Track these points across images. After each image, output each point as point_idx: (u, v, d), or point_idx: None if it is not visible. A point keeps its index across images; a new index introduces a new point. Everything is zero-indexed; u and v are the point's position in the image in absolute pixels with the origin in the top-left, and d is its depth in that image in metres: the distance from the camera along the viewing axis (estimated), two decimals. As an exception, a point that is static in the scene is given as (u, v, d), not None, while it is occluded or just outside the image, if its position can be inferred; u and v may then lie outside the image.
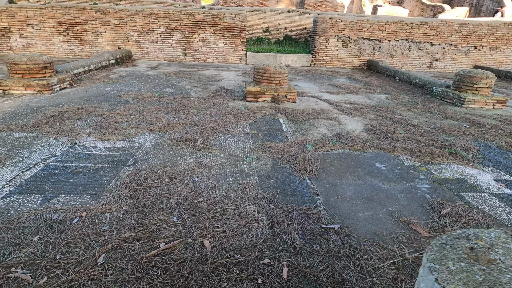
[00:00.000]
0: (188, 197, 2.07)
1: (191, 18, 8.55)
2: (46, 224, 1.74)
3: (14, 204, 1.91)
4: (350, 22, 8.95)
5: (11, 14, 8.12)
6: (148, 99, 4.53)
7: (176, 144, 2.96)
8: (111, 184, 2.20)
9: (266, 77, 4.77)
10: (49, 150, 2.69)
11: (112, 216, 1.84)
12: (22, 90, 4.42)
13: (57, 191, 2.08)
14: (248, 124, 3.67)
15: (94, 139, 2.97)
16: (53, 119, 3.41)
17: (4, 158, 2.47)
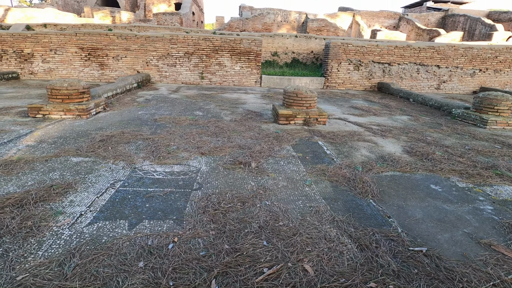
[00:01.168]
0: (268, 221, 2.11)
1: (209, 43, 8.88)
2: (144, 250, 1.76)
3: (104, 230, 1.93)
4: (361, 47, 9.34)
5: (36, 40, 8.38)
6: (184, 123, 4.63)
7: (232, 168, 3.02)
8: (187, 208, 2.24)
9: (298, 100, 4.93)
10: (113, 175, 2.73)
11: (204, 241, 1.87)
12: (62, 114, 4.51)
13: (138, 216, 2.11)
14: (291, 147, 3.76)
15: (151, 163, 3.03)
16: (104, 144, 3.48)
17: (74, 183, 2.51)
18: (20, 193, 2.30)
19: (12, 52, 8.44)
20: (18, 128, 3.95)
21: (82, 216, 2.06)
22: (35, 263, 1.61)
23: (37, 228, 1.89)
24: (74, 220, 2.02)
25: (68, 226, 1.95)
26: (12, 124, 4.12)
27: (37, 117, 4.47)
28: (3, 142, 3.40)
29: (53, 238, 1.82)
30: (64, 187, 2.43)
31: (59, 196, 2.29)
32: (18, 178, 2.57)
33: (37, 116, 4.47)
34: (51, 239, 1.82)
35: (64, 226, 1.95)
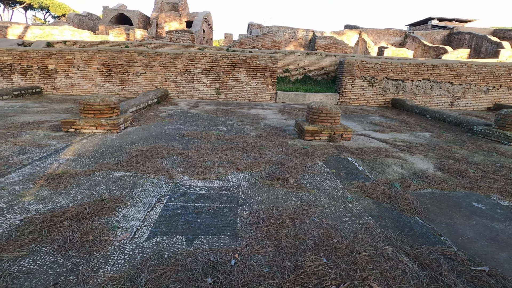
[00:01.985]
0: (322, 238, 2.12)
1: (226, 60, 9.11)
2: (208, 265, 1.77)
3: (163, 245, 1.95)
4: (375, 64, 9.49)
5: (60, 56, 8.68)
6: (212, 138, 4.70)
7: (271, 184, 3.04)
8: (238, 224, 2.26)
9: (322, 116, 4.99)
10: (158, 189, 2.77)
11: (264, 257, 1.88)
12: (93, 129, 4.61)
13: (193, 231, 2.13)
14: (322, 163, 3.78)
15: (191, 178, 3.07)
16: (140, 158, 3.54)
17: (122, 197, 2.55)
18: (74, 207, 2.34)
19: (37, 68, 8.72)
20: (54, 142, 4.04)
21: (138, 231, 2.09)
22: (106, 278, 1.63)
23: (99, 243, 1.92)
24: (132, 235, 2.04)
25: (128, 240, 1.98)
26: (47, 138, 4.22)
27: (69, 131, 4.58)
28: (43, 156, 3.48)
29: (117, 252, 1.85)
30: (114, 201, 2.47)
31: (111, 211, 2.33)
32: (67, 192, 2.62)
33: (69, 130, 4.58)
34: (115, 253, 1.84)
35: (124, 240, 1.97)
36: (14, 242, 1.88)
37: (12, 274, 1.62)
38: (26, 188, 2.65)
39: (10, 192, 2.55)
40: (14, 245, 1.85)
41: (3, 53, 8.56)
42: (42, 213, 2.24)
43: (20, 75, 8.75)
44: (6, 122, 5.08)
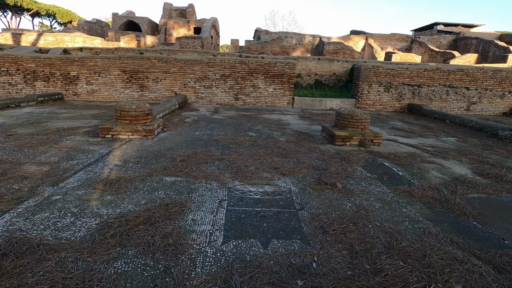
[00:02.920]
0: (390, 241, 2.16)
1: (245, 66, 9.23)
2: (292, 268, 1.83)
3: (241, 248, 2.01)
4: (391, 69, 9.58)
5: (82, 64, 8.84)
6: (245, 143, 4.78)
7: (320, 188, 3.10)
8: (305, 228, 2.31)
9: (353, 122, 5.06)
10: (214, 194, 2.84)
11: (342, 260, 1.93)
12: (129, 135, 4.70)
13: (264, 235, 2.19)
14: (361, 168, 3.84)
15: (242, 183, 3.14)
16: (185, 164, 3.61)
17: (185, 202, 2.62)
18: (142, 211, 2.41)
19: (59, 75, 8.88)
20: (96, 148, 4.13)
21: (212, 235, 2.15)
22: (201, 280, 1.69)
23: (180, 246, 1.98)
24: (207, 238, 2.10)
25: (206, 244, 2.04)
26: (88, 144, 4.31)
27: (106, 137, 4.67)
28: (92, 162, 3.57)
29: (201, 255, 1.91)
30: (178, 206, 2.53)
31: (179, 215, 2.40)
32: (128, 197, 2.69)
33: (106, 136, 4.67)
34: (199, 256, 1.90)
35: (202, 244, 2.03)
36: (101, 245, 1.94)
37: (111, 276, 1.68)
38: (89, 193, 2.72)
39: (75, 197, 2.63)
40: (101, 248, 1.92)
41: (27, 60, 8.74)
42: (114, 217, 2.31)
43: (43, 82, 8.91)
44: (42, 128, 5.19)
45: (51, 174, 3.11)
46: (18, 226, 2.14)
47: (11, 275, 1.64)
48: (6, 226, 2.13)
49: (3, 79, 8.80)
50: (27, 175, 3.04)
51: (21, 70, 8.79)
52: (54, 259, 1.79)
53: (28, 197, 2.58)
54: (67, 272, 1.68)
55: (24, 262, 1.74)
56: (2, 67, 8.72)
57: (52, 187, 2.81)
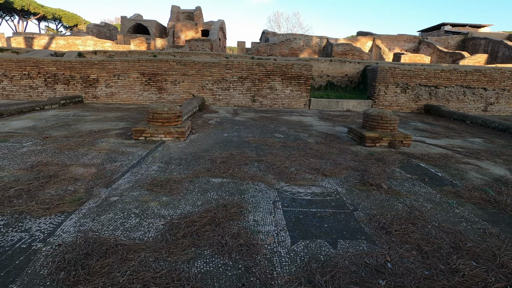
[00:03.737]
0: (455, 242, 2.17)
1: (262, 68, 9.28)
2: (369, 268, 1.84)
3: (312, 248, 2.03)
4: (408, 71, 9.57)
5: (102, 67, 8.94)
6: (276, 145, 4.80)
7: (366, 189, 3.12)
8: (366, 228, 2.33)
9: (382, 123, 5.07)
10: (265, 195, 2.87)
11: (414, 261, 1.94)
12: (162, 137, 4.75)
13: (328, 235, 2.21)
14: (399, 169, 3.85)
15: (288, 185, 3.16)
16: (227, 165, 3.64)
17: (240, 202, 2.65)
18: (202, 212, 2.44)
19: (79, 78, 8.99)
20: (133, 150, 4.18)
21: (279, 235, 2.18)
22: (285, 280, 1.71)
23: (253, 246, 2.01)
24: (276, 239, 2.13)
25: (276, 244, 2.06)
26: (124, 146, 4.36)
27: (139, 139, 4.73)
28: (135, 164, 3.61)
29: (276, 256, 1.93)
30: (236, 207, 2.56)
31: (239, 216, 2.42)
32: (183, 198, 2.73)
33: (139, 138, 4.73)
34: (274, 256, 1.92)
35: (273, 244, 2.06)
36: (176, 246, 1.97)
37: (196, 275, 1.71)
38: (143, 194, 2.77)
39: (132, 199, 2.67)
40: (177, 248, 1.95)
41: (48, 64, 8.86)
42: (177, 218, 2.34)
43: (63, 85, 9.02)
44: (74, 130, 5.26)
45: (100, 176, 3.16)
46: (88, 227, 2.18)
47: (101, 274, 1.68)
48: (77, 226, 2.17)
49: (25, 83, 8.93)
50: (77, 177, 3.09)
51: (42, 73, 8.91)
52: (135, 259, 1.82)
53: (87, 198, 2.63)
54: (154, 272, 1.71)
55: (109, 262, 1.78)
56: (23, 70, 8.85)
57: (106, 188, 2.86)
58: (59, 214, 2.33)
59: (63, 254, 1.84)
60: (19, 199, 2.55)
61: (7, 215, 2.28)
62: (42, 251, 1.87)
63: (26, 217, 2.27)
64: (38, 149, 4.05)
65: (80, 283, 1.61)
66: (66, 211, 2.39)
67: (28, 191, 2.70)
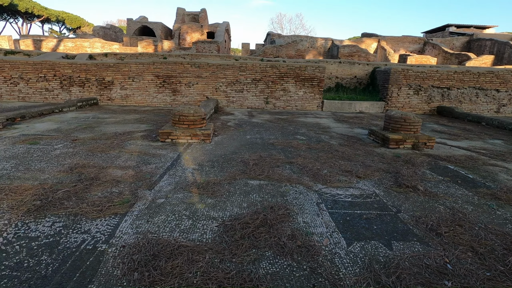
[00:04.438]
0: (507, 243, 2.20)
1: (276, 70, 9.33)
2: (431, 269, 1.87)
3: (368, 249, 2.06)
4: (421, 72, 9.60)
5: (117, 69, 9.01)
6: (302, 147, 4.84)
7: (403, 191, 3.14)
8: (415, 230, 2.36)
9: (405, 125, 5.10)
10: (307, 197, 2.90)
11: (471, 262, 1.97)
12: (188, 139, 4.80)
13: (381, 236, 2.24)
14: (429, 171, 3.87)
15: (325, 186, 3.20)
16: (260, 168, 3.68)
17: (285, 204, 2.68)
18: (251, 213, 2.48)
19: (94, 80, 9.06)
20: (163, 152, 4.23)
21: (332, 237, 2.21)
22: (353, 280, 1.74)
23: (311, 247, 2.04)
24: (330, 240, 2.16)
25: (333, 246, 2.09)
26: (153, 148, 4.41)
27: (166, 141, 4.77)
28: (169, 166, 3.66)
29: (336, 257, 1.96)
30: (283, 208, 2.60)
31: (288, 217, 2.46)
32: (228, 199, 2.77)
33: (166, 140, 4.77)
34: (335, 257, 1.95)
35: (330, 246, 2.09)
36: (236, 247, 2.01)
37: (265, 276, 1.75)
38: (188, 196, 2.80)
39: (179, 200, 2.71)
40: (239, 249, 1.98)
41: (64, 66, 8.93)
42: (229, 220, 2.38)
43: (79, 87, 9.09)
44: (99, 133, 5.31)
45: (140, 178, 3.20)
46: (145, 228, 2.22)
47: (174, 275, 1.71)
48: (134, 228, 2.21)
49: (41, 85, 9.00)
50: (118, 179, 3.13)
51: (57, 75, 8.98)
52: (201, 260, 1.86)
53: (134, 200, 2.67)
54: (224, 272, 1.75)
55: (178, 263, 1.81)
56: (39, 73, 8.93)
57: (149, 190, 2.90)
58: (113, 216, 2.37)
59: (130, 255, 1.88)
60: (69, 201, 2.59)
61: (63, 217, 2.32)
62: (108, 252, 1.91)
63: (82, 219, 2.31)
64: (70, 151, 4.10)
65: (156, 284, 1.65)
66: (118, 213, 2.43)
67: (75, 193, 2.75)
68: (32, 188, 2.80)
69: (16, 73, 8.90)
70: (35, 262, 1.79)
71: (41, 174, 3.20)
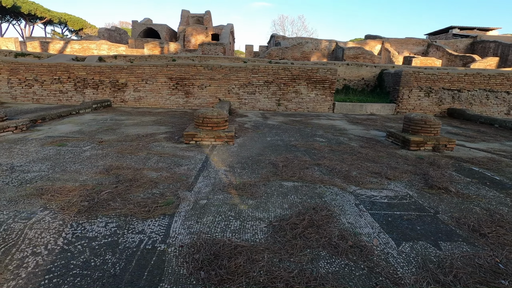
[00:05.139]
0: (551, 244, 2.25)
1: (288, 73, 9.39)
2: (484, 268, 1.92)
3: (418, 249, 2.11)
4: (432, 75, 9.66)
5: (130, 72, 9.09)
6: (324, 149, 4.89)
7: (436, 193, 3.19)
8: (458, 231, 2.40)
9: (426, 127, 5.15)
10: (343, 198, 2.95)
11: (522, 261, 2.02)
12: (212, 141, 4.85)
13: (427, 237, 2.28)
14: (455, 173, 3.92)
15: (359, 188, 3.24)
16: (290, 169, 3.73)
17: (325, 205, 2.73)
18: (296, 214, 2.53)
19: (108, 82, 9.13)
20: (191, 154, 4.28)
21: (380, 237, 2.26)
22: (412, 280, 1.79)
23: (363, 248, 2.09)
24: (380, 241, 2.21)
25: (384, 246, 2.14)
26: (179, 150, 4.46)
27: (190, 143, 4.83)
28: (200, 167, 3.71)
29: (390, 257, 2.01)
30: (325, 209, 2.65)
31: (333, 218, 2.51)
32: (268, 200, 2.82)
33: (190, 142, 4.83)
34: (388, 257, 2.00)
35: (382, 246, 2.14)
36: (291, 247, 2.06)
37: (327, 275, 1.80)
38: (228, 198, 2.85)
39: (221, 202, 2.76)
40: (293, 249, 2.03)
41: (78, 68, 9.01)
42: (275, 220, 2.43)
43: (92, 89, 9.17)
44: (121, 134, 5.37)
45: (176, 179, 3.25)
46: (197, 229, 2.27)
47: (239, 273, 1.76)
48: (186, 228, 2.26)
49: (55, 87, 9.08)
50: (155, 180, 3.19)
51: (72, 78, 9.06)
52: (261, 259, 1.91)
53: (178, 201, 2.72)
54: (287, 271, 1.80)
55: (239, 262, 1.86)
56: (54, 75, 9.00)
57: (189, 191, 2.95)
58: (162, 217, 2.42)
59: (191, 255, 1.93)
60: (115, 202, 2.64)
61: (114, 218, 2.38)
62: (169, 252, 1.96)
63: (133, 219, 2.36)
64: (100, 153, 4.15)
65: (224, 282, 1.70)
66: (166, 213, 2.48)
67: (118, 194, 2.80)
68: (75, 189, 2.85)
69: (30, 75, 8.97)
70: (101, 261, 1.84)
71: (79, 176, 3.26)
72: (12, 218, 2.31)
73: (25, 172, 3.31)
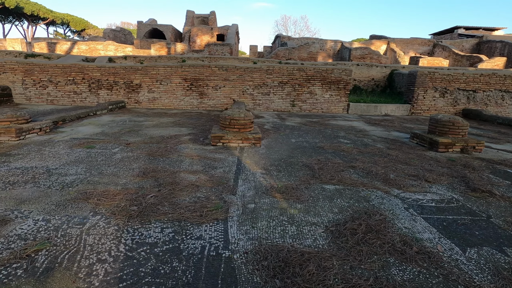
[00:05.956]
0: None
1: (303, 73, 9.35)
2: (561, 276, 1.87)
3: (485, 256, 2.06)
4: (447, 75, 9.60)
5: (145, 73, 9.05)
6: (353, 151, 4.84)
7: (481, 196, 3.14)
8: (518, 236, 2.36)
9: (454, 129, 5.10)
10: (390, 202, 2.90)
11: None
12: (239, 143, 4.81)
13: (490, 242, 2.23)
14: (492, 176, 3.86)
15: (402, 191, 3.19)
16: (327, 172, 3.68)
17: (374, 209, 2.68)
18: (351, 219, 2.48)
19: (123, 83, 9.10)
20: (221, 156, 4.24)
21: (441, 243, 2.21)
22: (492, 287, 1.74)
23: (431, 254, 2.04)
24: (443, 247, 2.16)
25: (451, 252, 2.09)
26: (208, 152, 4.42)
27: (217, 145, 4.79)
28: (235, 170, 3.66)
29: (460, 263, 1.96)
30: (377, 214, 2.60)
31: (387, 223, 2.46)
32: (315, 204, 2.77)
33: (217, 144, 4.78)
34: (460, 265, 1.95)
35: (448, 252, 2.09)
36: (357, 253, 2.01)
37: (404, 284, 1.75)
38: (275, 202, 2.81)
39: (269, 206, 2.71)
40: (360, 256, 1.98)
41: (93, 70, 8.98)
42: (331, 225, 2.38)
43: (107, 90, 9.14)
44: (145, 136, 5.33)
45: (216, 183, 3.21)
46: (255, 234, 2.22)
47: (315, 281, 1.71)
48: (244, 234, 2.22)
49: (69, 88, 9.05)
50: (196, 184, 3.15)
51: (86, 79, 9.03)
52: (333, 267, 1.86)
53: (226, 206, 2.67)
54: (363, 279, 1.75)
55: (311, 269, 1.81)
56: (68, 76, 8.98)
57: (233, 195, 2.91)
58: (215, 222, 2.38)
59: (259, 262, 1.88)
60: (163, 206, 2.60)
61: (168, 223, 2.33)
62: (235, 259, 1.92)
63: (187, 224, 2.32)
64: (131, 155, 4.12)
65: (303, 291, 1.65)
66: (218, 218, 2.44)
67: (164, 198, 2.76)
68: (119, 193, 2.81)
69: (45, 76, 8.95)
70: (170, 269, 1.80)
71: (118, 179, 3.22)
72: (66, 223, 2.27)
73: (63, 175, 3.27)
